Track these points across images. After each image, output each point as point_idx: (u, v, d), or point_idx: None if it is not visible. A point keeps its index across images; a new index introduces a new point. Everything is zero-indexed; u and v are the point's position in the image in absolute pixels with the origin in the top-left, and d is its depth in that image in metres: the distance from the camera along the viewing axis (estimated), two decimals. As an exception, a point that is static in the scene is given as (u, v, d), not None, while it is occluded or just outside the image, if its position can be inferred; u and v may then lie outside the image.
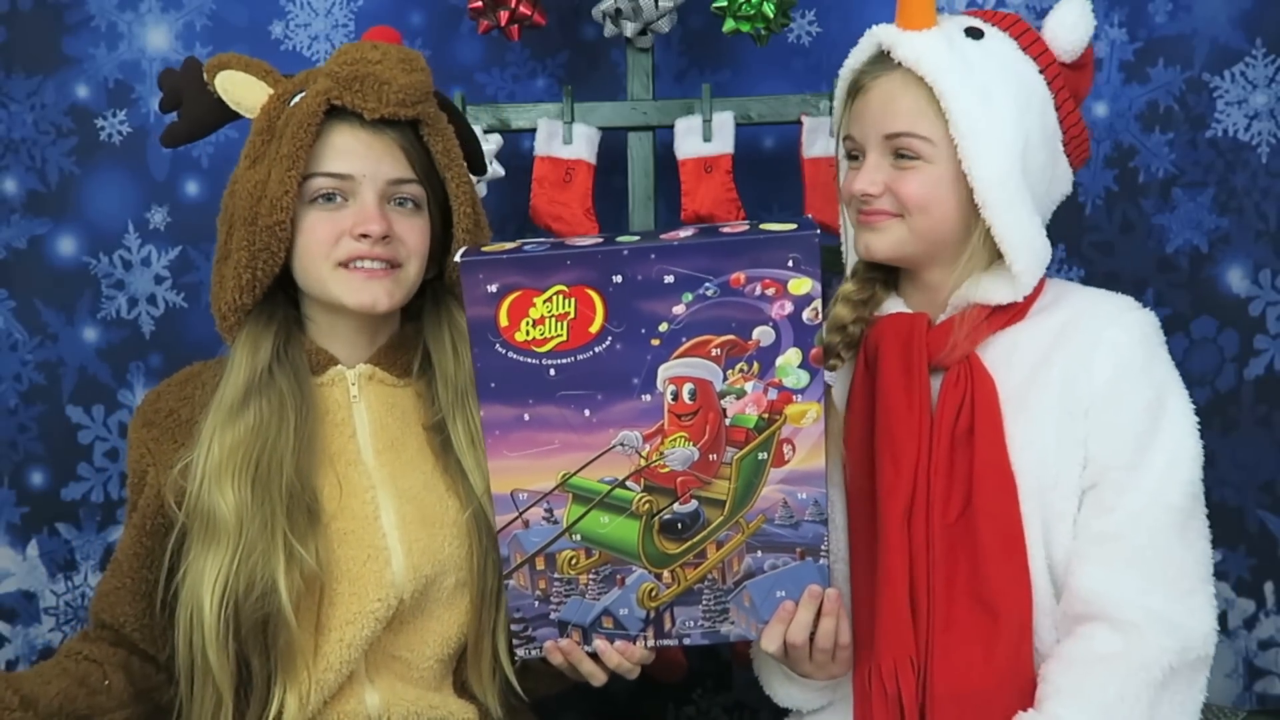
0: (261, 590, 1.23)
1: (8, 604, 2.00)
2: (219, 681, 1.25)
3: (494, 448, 1.15)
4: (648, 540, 1.18)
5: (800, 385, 1.13)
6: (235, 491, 1.25)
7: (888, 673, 1.24)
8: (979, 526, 1.24)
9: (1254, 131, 1.83)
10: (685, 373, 1.13)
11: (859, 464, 1.32)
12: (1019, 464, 1.26)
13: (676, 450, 1.15)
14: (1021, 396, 1.27)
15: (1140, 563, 1.22)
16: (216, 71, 1.33)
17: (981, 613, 1.23)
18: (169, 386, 1.38)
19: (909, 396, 1.28)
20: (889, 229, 1.28)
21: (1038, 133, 1.28)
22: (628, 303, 1.11)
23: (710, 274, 1.10)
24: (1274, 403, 1.83)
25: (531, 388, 1.13)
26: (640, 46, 1.76)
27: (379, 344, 1.37)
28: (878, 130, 1.28)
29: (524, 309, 1.12)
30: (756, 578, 1.19)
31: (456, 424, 1.34)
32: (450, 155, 1.33)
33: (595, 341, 1.12)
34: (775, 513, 1.17)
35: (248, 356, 1.30)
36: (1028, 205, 1.26)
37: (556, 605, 1.20)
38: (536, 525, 1.17)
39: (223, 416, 1.28)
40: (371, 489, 1.32)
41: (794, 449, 1.15)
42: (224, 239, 1.33)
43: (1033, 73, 1.30)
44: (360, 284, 1.28)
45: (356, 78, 1.25)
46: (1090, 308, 1.30)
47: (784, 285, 1.10)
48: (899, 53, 1.27)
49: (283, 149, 1.26)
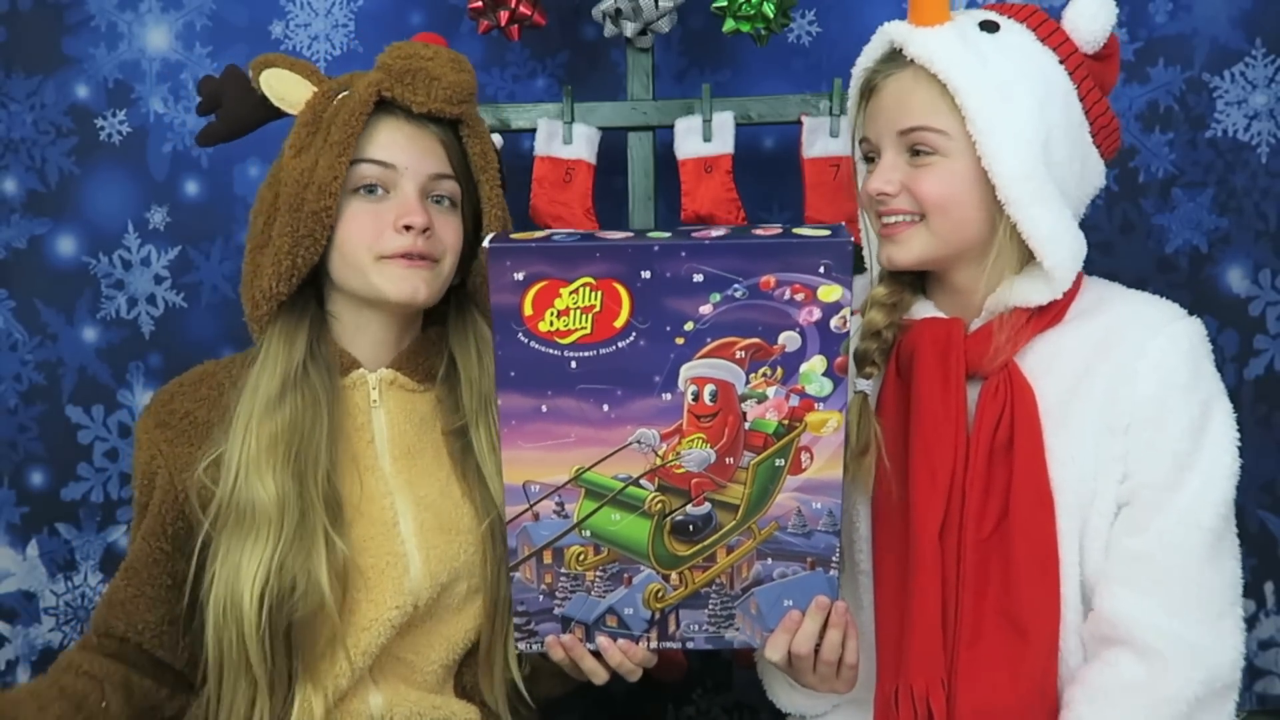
0: (304, 585, 1.22)
1: (8, 604, 2.00)
2: (258, 675, 1.23)
3: (509, 437, 1.14)
4: (658, 540, 1.17)
5: (823, 393, 1.12)
6: (276, 482, 1.24)
7: (919, 694, 1.22)
8: (1013, 543, 1.22)
9: (1254, 131, 1.83)
10: (708, 373, 1.12)
11: (889, 475, 1.28)
12: (1059, 479, 1.23)
13: (693, 451, 1.14)
14: (1063, 408, 1.24)
15: (1168, 585, 1.19)
16: (262, 69, 1.34)
17: (1010, 631, 1.21)
18: (182, 387, 1.36)
19: (946, 406, 1.25)
20: (911, 239, 1.25)
21: (1060, 125, 1.25)
22: (655, 299, 1.10)
23: (740, 275, 1.08)
24: (1274, 403, 1.83)
25: (551, 379, 1.12)
26: (640, 46, 1.76)
27: (401, 348, 1.37)
28: (892, 127, 1.25)
29: (549, 299, 1.10)
30: (765, 585, 1.18)
31: (479, 430, 1.34)
32: (487, 158, 1.36)
33: (619, 336, 1.11)
34: (789, 520, 1.15)
35: (284, 349, 1.29)
36: (1055, 199, 1.23)
37: (561, 600, 1.19)
38: (546, 518, 1.17)
39: (260, 408, 1.27)
40: (389, 495, 1.32)
41: (812, 457, 1.14)
42: (260, 228, 1.32)
43: (1053, 64, 1.26)
44: (401, 274, 1.29)
45: (409, 71, 1.28)
46: (1134, 315, 1.26)
47: (814, 291, 1.09)
48: (911, 50, 1.24)
49: (333, 136, 1.27)
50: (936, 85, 1.23)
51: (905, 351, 1.30)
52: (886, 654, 1.27)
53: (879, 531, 1.30)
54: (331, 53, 1.93)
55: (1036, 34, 1.28)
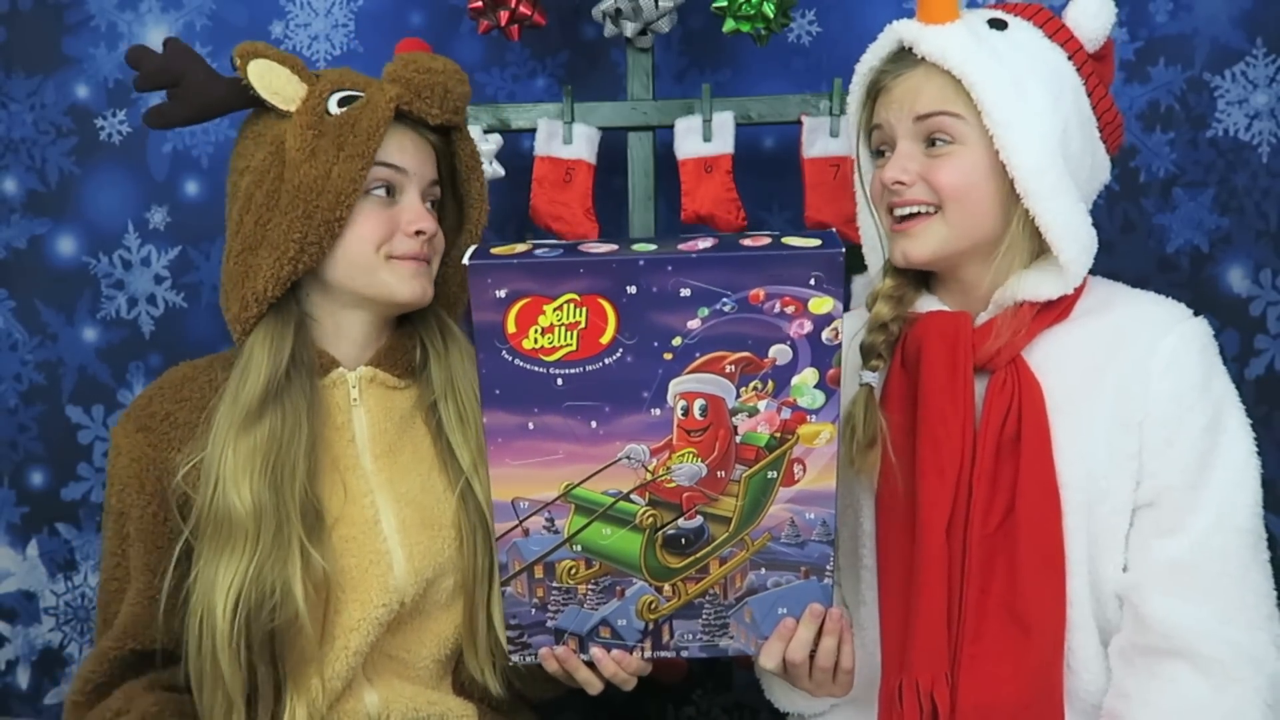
0: (277, 597, 1.22)
1: (8, 604, 2.00)
2: (230, 688, 1.23)
3: (496, 455, 1.13)
4: (650, 553, 1.16)
5: (815, 405, 1.10)
6: (253, 496, 1.24)
7: (924, 690, 1.21)
8: (1019, 538, 1.21)
9: (1254, 131, 1.82)
10: (697, 388, 1.10)
11: (895, 468, 1.26)
12: (1067, 476, 1.22)
13: (684, 466, 1.12)
14: (1072, 404, 1.23)
15: (1217, 592, 1.18)
16: (250, 58, 1.32)
17: (1013, 626, 1.21)
18: (161, 390, 1.35)
19: (954, 400, 1.24)
20: (926, 232, 1.25)
21: (1074, 119, 1.25)
22: (641, 315, 1.08)
23: (728, 289, 1.07)
24: (1274, 403, 1.83)
25: (537, 396, 1.10)
26: (640, 46, 1.76)
27: (379, 346, 1.38)
28: (908, 114, 1.25)
29: (533, 316, 1.09)
30: (759, 594, 1.17)
31: (448, 405, 1.36)
32: (474, 159, 1.40)
33: (606, 352, 1.09)
34: (781, 531, 1.15)
35: (268, 355, 1.29)
36: (1071, 193, 1.23)
37: (554, 613, 1.19)
38: (536, 534, 1.16)
39: (239, 419, 1.27)
40: (370, 494, 1.32)
41: (805, 469, 1.12)
42: (251, 228, 1.30)
43: (1062, 60, 1.27)
44: (410, 275, 1.33)
45: (428, 85, 1.32)
46: (1143, 314, 1.26)
47: (804, 304, 1.07)
48: (923, 48, 1.24)
49: (352, 147, 1.28)
50: (950, 79, 1.23)
51: (912, 345, 1.29)
52: (891, 649, 1.26)
53: (883, 526, 1.29)
54: (331, 53, 1.93)
55: (1044, 31, 1.29)
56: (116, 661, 1.29)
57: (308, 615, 1.23)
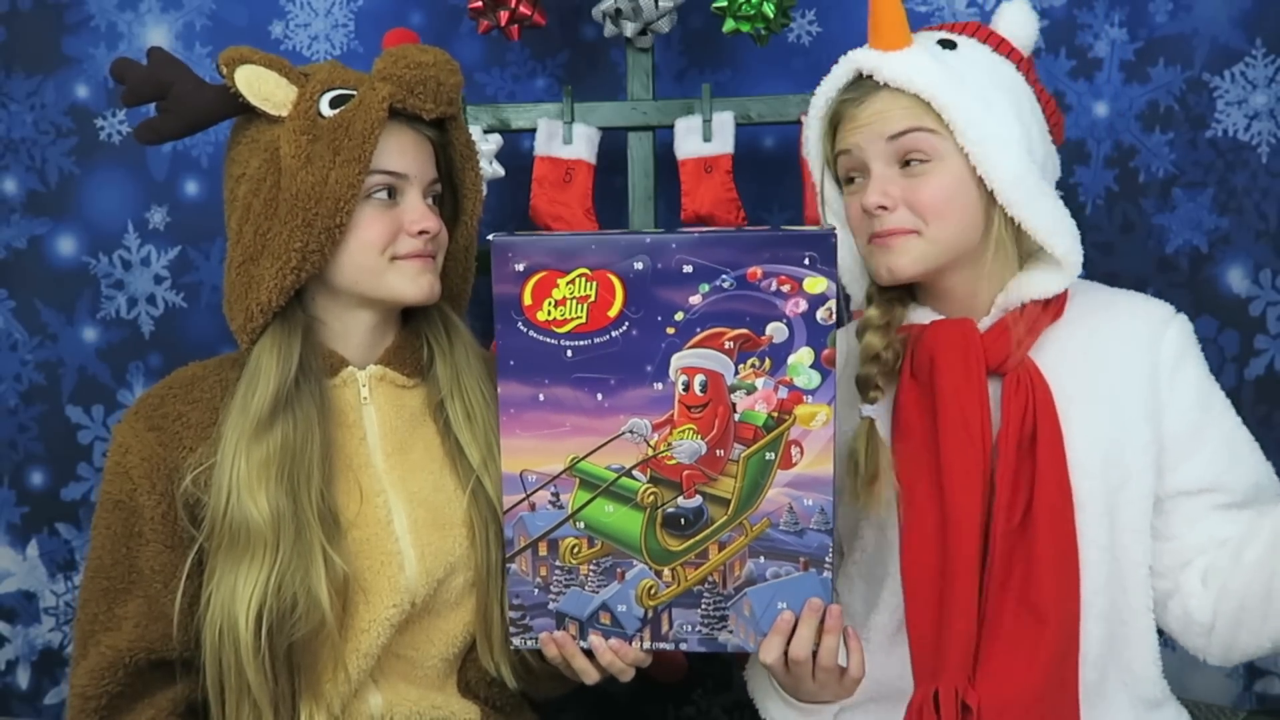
0: (302, 605, 1.21)
1: (8, 604, 2.00)
2: (258, 699, 1.22)
3: (508, 425, 1.17)
4: (650, 534, 1.17)
5: (811, 386, 1.13)
6: (270, 505, 1.22)
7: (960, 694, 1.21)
8: (1037, 533, 1.22)
9: (1254, 131, 1.83)
10: (698, 363, 1.14)
11: (916, 483, 1.27)
12: (1085, 466, 1.25)
13: (684, 443, 1.15)
14: (1083, 399, 1.26)
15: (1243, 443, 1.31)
16: (237, 65, 1.30)
17: (1028, 617, 1.21)
18: (170, 390, 1.33)
19: (972, 405, 1.25)
20: (908, 247, 1.25)
21: (1034, 123, 1.28)
22: (646, 289, 1.13)
23: (728, 266, 1.12)
24: (1274, 403, 1.83)
25: (548, 367, 1.15)
26: (640, 46, 1.76)
27: (387, 344, 1.37)
28: (879, 135, 1.25)
29: (547, 289, 1.14)
30: (758, 585, 1.18)
31: (455, 402, 1.36)
32: (469, 148, 1.38)
33: (613, 325, 1.14)
34: (780, 517, 1.16)
35: (277, 363, 1.27)
36: (1049, 193, 1.26)
37: (556, 595, 1.20)
38: (542, 509, 1.18)
39: (250, 429, 1.25)
40: (383, 493, 1.32)
41: (802, 452, 1.15)
42: (251, 237, 1.29)
43: (1011, 70, 1.30)
44: (416, 274, 1.31)
45: (420, 81, 1.29)
46: (1138, 310, 1.32)
47: (799, 283, 1.12)
48: (885, 74, 1.24)
49: (347, 151, 1.26)
50: (916, 101, 1.24)
51: (922, 355, 1.29)
52: (922, 656, 1.26)
53: (909, 538, 1.28)
54: (331, 53, 1.93)
55: (990, 46, 1.31)
56: (133, 669, 1.25)
57: (334, 619, 1.22)
